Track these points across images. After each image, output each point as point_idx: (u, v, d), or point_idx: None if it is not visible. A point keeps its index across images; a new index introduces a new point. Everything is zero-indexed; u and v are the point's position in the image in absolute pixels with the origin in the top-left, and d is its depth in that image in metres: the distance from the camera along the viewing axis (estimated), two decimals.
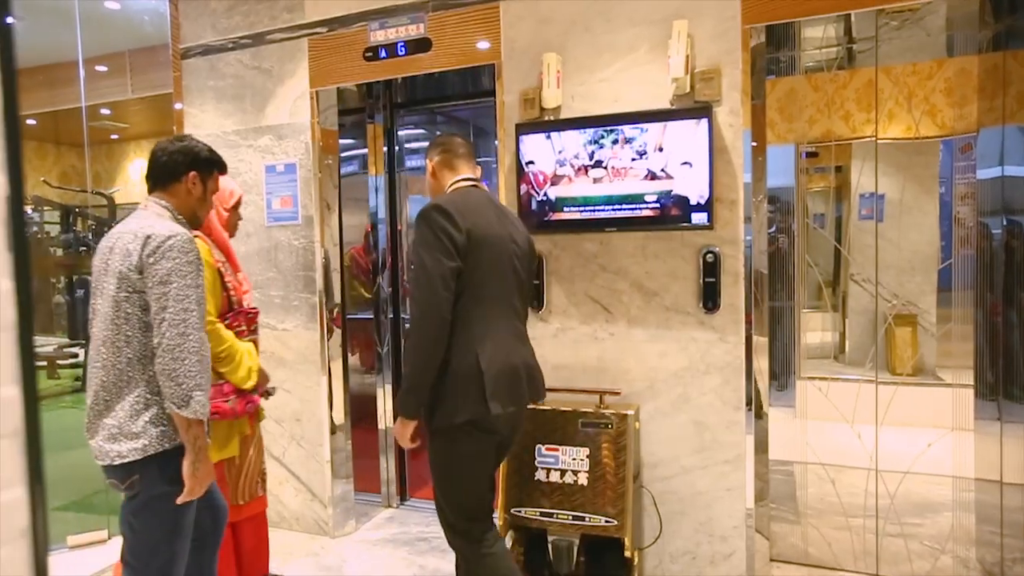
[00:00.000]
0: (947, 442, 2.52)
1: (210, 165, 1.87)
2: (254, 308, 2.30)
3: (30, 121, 4.44)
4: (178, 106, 3.33)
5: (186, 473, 1.67)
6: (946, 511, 2.53)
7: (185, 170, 1.80)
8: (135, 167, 5.94)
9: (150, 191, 1.82)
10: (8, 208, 0.76)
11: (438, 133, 3.80)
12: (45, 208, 4.86)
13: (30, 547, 0.77)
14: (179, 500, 1.67)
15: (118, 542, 3.08)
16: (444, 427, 1.86)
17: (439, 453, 1.93)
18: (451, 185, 2.01)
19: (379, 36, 2.87)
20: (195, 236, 2.00)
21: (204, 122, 3.30)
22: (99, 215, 5.00)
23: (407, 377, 1.85)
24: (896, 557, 2.54)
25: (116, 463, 1.65)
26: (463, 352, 1.83)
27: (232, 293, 2.17)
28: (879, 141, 2.66)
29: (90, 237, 4.99)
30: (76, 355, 5.04)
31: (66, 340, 5.15)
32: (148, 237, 1.63)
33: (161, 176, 1.80)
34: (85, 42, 3.30)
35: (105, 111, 4.32)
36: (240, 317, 2.19)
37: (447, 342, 1.82)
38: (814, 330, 3.19)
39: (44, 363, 4.88)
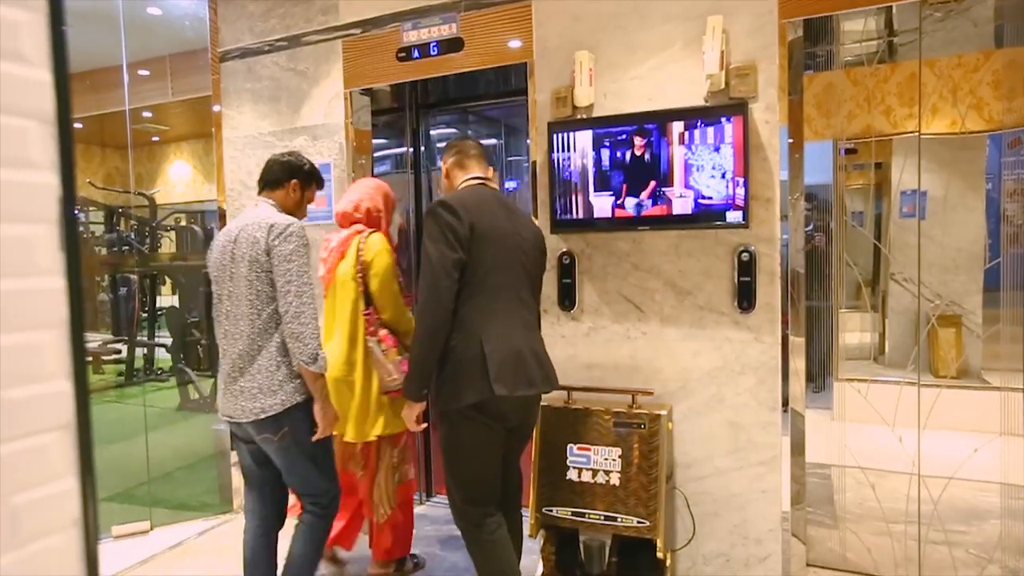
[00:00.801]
0: (995, 447, 2.44)
1: (309, 178, 2.23)
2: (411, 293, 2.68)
3: (77, 124, 4.60)
4: (216, 108, 3.41)
5: (319, 416, 2.01)
6: (993, 519, 2.45)
7: (288, 178, 2.16)
8: (175, 168, 6.11)
9: (259, 192, 2.18)
10: (61, 209, 0.79)
11: (469, 132, 3.82)
12: (90, 208, 5.03)
13: (81, 536, 0.79)
14: (314, 439, 2.02)
15: (159, 533, 3.19)
16: (450, 410, 1.98)
17: (445, 435, 2.05)
18: (462, 183, 2.13)
19: (412, 36, 2.90)
20: (373, 231, 2.48)
21: (241, 123, 3.37)
22: (141, 215, 5.15)
23: (410, 362, 2.00)
24: (940, 565, 2.46)
25: (262, 417, 1.96)
26: (468, 339, 1.93)
27: (401, 280, 2.53)
28: (922, 136, 2.58)
29: (132, 236, 5.14)
30: (119, 351, 5.20)
31: (110, 336, 5.32)
32: (272, 225, 1.97)
33: (270, 181, 2.16)
34: (128, 47, 3.40)
35: (147, 114, 4.45)
36: (408, 301, 2.57)
37: (450, 329, 1.94)
38: (853, 330, 3.12)
39: (89, 358, 5.05)
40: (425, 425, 2.12)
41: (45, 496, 0.75)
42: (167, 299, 5.49)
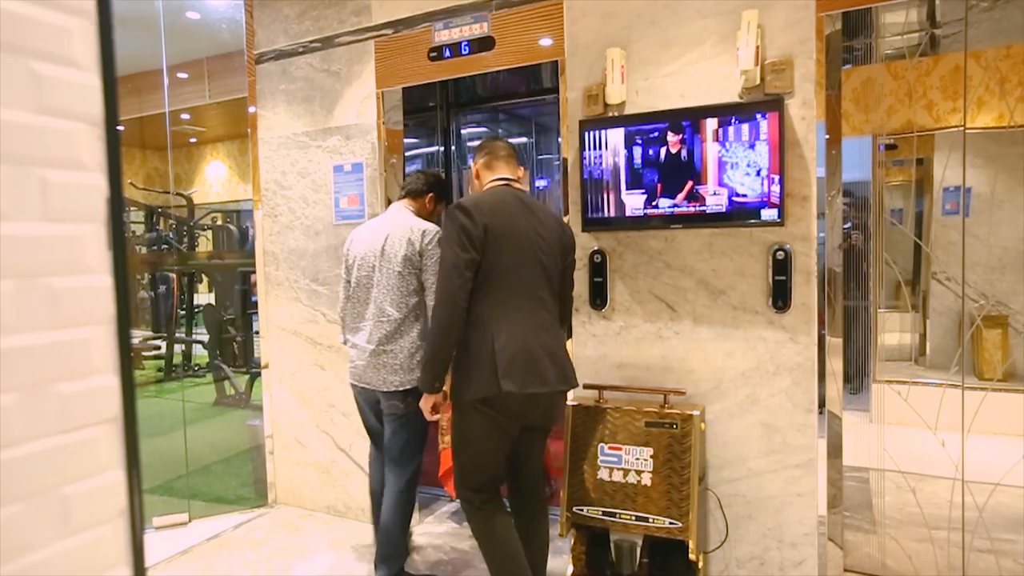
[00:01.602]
0: None
1: (443, 194, 2.63)
2: None
3: (119, 127, 4.73)
4: (252, 109, 3.48)
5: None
6: None
7: (427, 191, 2.57)
8: (212, 169, 6.24)
9: (401, 198, 2.58)
10: (108, 209, 0.81)
11: (499, 131, 3.83)
12: (131, 208, 5.17)
13: (127, 526, 0.82)
14: (430, 418, 2.33)
15: (197, 525, 3.27)
16: (461, 402, 2.08)
17: (455, 424, 2.17)
18: (488, 184, 2.20)
19: (443, 36, 2.91)
20: None
21: (276, 124, 3.43)
22: (179, 215, 5.27)
23: (424, 356, 2.13)
24: (985, 574, 2.39)
25: (399, 389, 2.38)
26: (481, 336, 2.01)
27: None
28: (967, 131, 2.50)
29: (171, 235, 5.28)
30: (159, 347, 5.34)
31: (150, 333, 5.47)
32: (424, 231, 2.39)
33: (413, 190, 2.57)
34: (168, 51, 3.48)
35: (185, 116, 4.56)
36: None
37: (463, 326, 2.02)
38: (892, 331, 3.04)
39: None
40: (439, 416, 2.29)
41: (94, 487, 0.78)
42: (204, 297, 5.62)
